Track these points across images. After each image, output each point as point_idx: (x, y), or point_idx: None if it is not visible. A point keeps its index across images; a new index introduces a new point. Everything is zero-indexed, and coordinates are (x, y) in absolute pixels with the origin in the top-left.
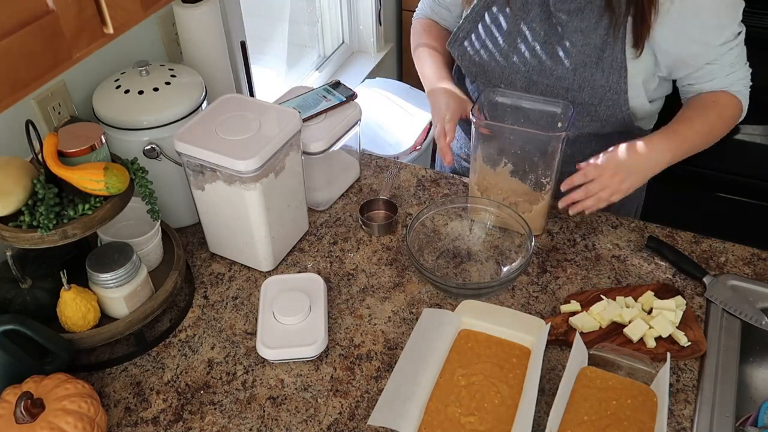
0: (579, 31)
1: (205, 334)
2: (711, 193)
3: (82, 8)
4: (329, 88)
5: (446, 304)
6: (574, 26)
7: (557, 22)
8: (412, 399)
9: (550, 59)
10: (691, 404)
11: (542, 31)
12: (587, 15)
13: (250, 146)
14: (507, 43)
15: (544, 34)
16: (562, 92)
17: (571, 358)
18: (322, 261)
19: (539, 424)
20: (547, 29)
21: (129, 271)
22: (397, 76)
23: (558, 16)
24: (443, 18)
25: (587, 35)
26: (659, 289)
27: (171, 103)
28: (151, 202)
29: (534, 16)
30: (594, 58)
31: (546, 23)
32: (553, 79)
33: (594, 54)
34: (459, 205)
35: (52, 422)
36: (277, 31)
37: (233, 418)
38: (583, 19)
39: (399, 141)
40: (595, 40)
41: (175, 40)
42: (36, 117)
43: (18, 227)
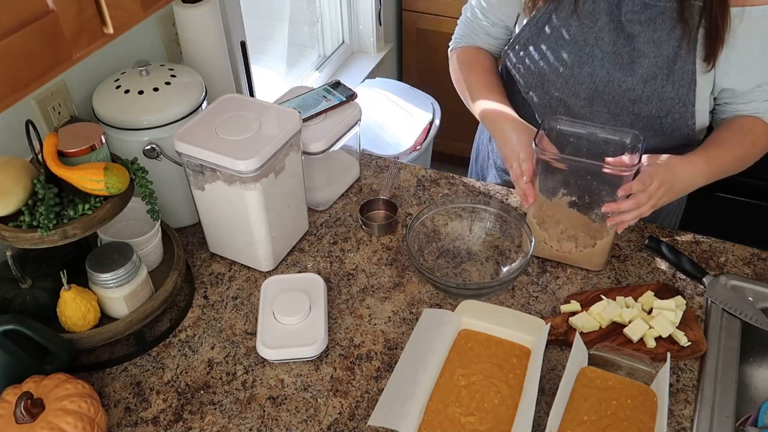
0: (651, 42)
1: (205, 334)
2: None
3: (82, 8)
4: (329, 88)
5: (446, 304)
6: (647, 37)
7: (628, 32)
8: (412, 399)
9: (620, 70)
10: (691, 404)
11: (611, 42)
12: (659, 26)
13: (250, 146)
14: (572, 52)
15: (613, 45)
16: (628, 104)
17: (571, 358)
18: (322, 261)
19: (539, 424)
20: (616, 39)
21: (129, 271)
22: (397, 76)
23: (629, 27)
24: (488, 41)
25: (659, 46)
26: (659, 289)
27: (171, 103)
28: (151, 202)
29: (602, 26)
30: (665, 70)
31: (615, 33)
32: (621, 90)
33: (666, 66)
34: (459, 205)
35: (52, 422)
36: (277, 31)
37: (233, 418)
38: (655, 29)
39: (399, 141)
40: (668, 51)
41: (175, 40)
42: (36, 117)
43: (18, 227)
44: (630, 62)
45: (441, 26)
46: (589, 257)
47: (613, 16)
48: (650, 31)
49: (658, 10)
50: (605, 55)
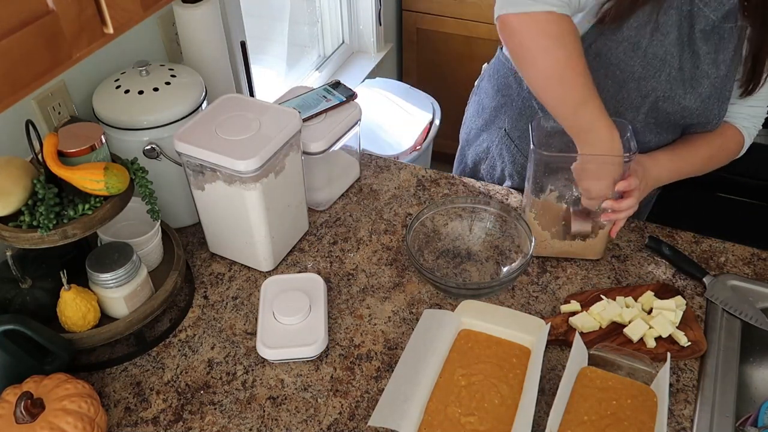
0: (713, 63)
1: (205, 334)
2: (711, 193)
3: (82, 8)
4: (329, 88)
5: (446, 304)
6: (710, 58)
7: (695, 49)
8: (412, 399)
9: (681, 87)
10: (691, 404)
11: (678, 57)
12: (721, 47)
13: (250, 146)
14: (642, 65)
15: (679, 60)
16: (679, 118)
17: (571, 358)
18: (322, 261)
19: (539, 424)
20: (682, 55)
21: (129, 271)
22: (397, 76)
23: (698, 45)
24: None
25: (718, 67)
26: (659, 289)
27: (171, 103)
28: (151, 202)
29: (672, 40)
30: (719, 90)
31: (681, 48)
32: (679, 107)
33: (720, 86)
34: (459, 205)
35: (52, 422)
36: (277, 31)
37: (233, 418)
38: (717, 50)
39: (399, 141)
40: (724, 72)
41: (175, 40)
42: (36, 117)
43: (18, 227)
44: (691, 79)
45: (441, 26)
46: (590, 247)
47: (683, 30)
48: (713, 51)
49: (725, 30)
50: (672, 70)
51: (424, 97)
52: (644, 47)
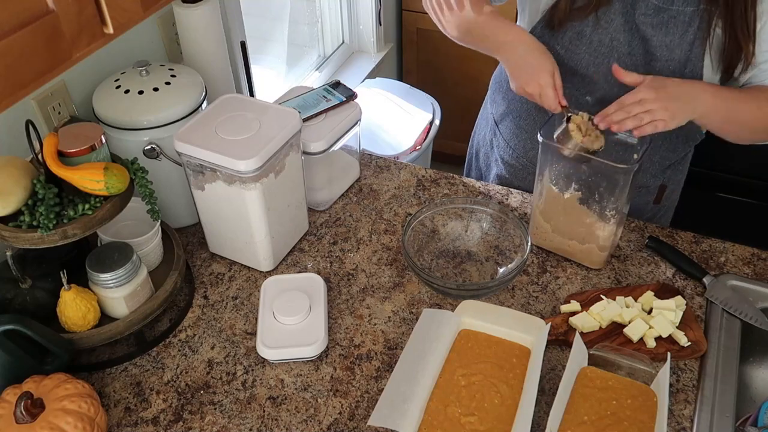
0: (664, 46)
1: (205, 334)
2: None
3: (82, 8)
4: (329, 88)
5: (446, 303)
6: (659, 40)
7: (642, 34)
8: (412, 399)
9: (635, 70)
10: (691, 404)
11: (626, 42)
12: (671, 29)
13: (250, 146)
14: (588, 52)
15: (628, 45)
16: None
17: (571, 358)
18: (322, 261)
19: (539, 424)
20: (631, 40)
21: (129, 271)
22: (397, 76)
23: (643, 29)
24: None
25: (672, 50)
26: (659, 289)
27: (171, 103)
28: (151, 202)
29: (618, 26)
30: (677, 74)
31: (629, 34)
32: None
33: (677, 69)
34: (459, 205)
35: (52, 422)
36: (277, 31)
37: (233, 418)
38: (667, 33)
39: (399, 141)
40: (679, 54)
41: (175, 40)
42: (36, 117)
43: (18, 227)
44: (644, 64)
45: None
46: (588, 254)
47: (628, 17)
48: (662, 34)
49: (671, 14)
50: (620, 56)
51: (424, 97)
52: (588, 35)
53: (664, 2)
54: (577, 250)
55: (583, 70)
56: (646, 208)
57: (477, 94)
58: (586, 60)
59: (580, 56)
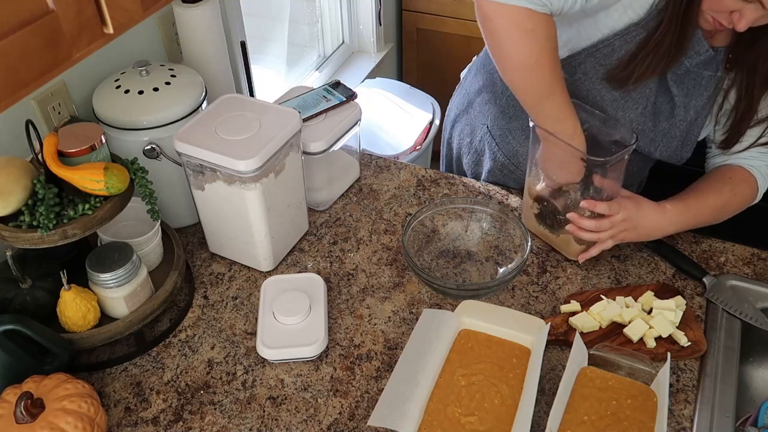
0: (682, 106)
1: (205, 334)
2: None
3: (82, 8)
4: (329, 88)
5: (446, 303)
6: (680, 100)
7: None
8: (412, 399)
9: (652, 122)
10: (691, 404)
11: (654, 93)
12: (693, 92)
13: (250, 146)
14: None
15: (655, 96)
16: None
17: (571, 358)
18: (322, 261)
19: (539, 424)
20: (658, 92)
21: (129, 271)
22: (397, 76)
23: (671, 86)
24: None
25: (687, 111)
26: (659, 289)
27: (171, 103)
28: (151, 202)
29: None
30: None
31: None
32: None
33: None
34: (459, 205)
35: (52, 422)
36: (277, 31)
37: (233, 418)
38: (687, 95)
39: (399, 141)
40: (692, 116)
41: (175, 40)
42: (36, 117)
43: (18, 227)
44: (660, 116)
45: (441, 26)
46: (566, 244)
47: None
48: (683, 96)
49: (698, 79)
50: (648, 104)
51: (424, 97)
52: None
53: (697, 66)
54: (558, 238)
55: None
56: None
57: None
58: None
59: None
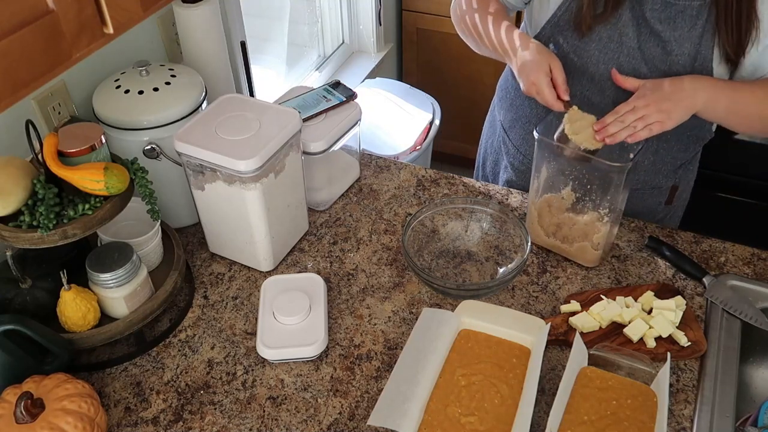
0: (673, 40)
1: (205, 334)
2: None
3: (82, 8)
4: (329, 88)
5: (446, 303)
6: (668, 35)
7: (652, 27)
8: (412, 399)
9: (645, 66)
10: (691, 404)
11: (635, 37)
12: (680, 24)
13: (250, 146)
14: (598, 49)
15: (637, 40)
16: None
17: (571, 358)
18: (322, 261)
19: (539, 424)
20: (640, 35)
21: (129, 271)
22: (397, 76)
23: (652, 24)
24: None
25: (681, 44)
26: (659, 289)
27: (171, 103)
28: (151, 202)
29: (626, 21)
30: (688, 68)
31: (638, 29)
32: None
33: (688, 63)
34: (459, 205)
35: (52, 422)
36: (277, 31)
37: (233, 418)
38: (675, 27)
39: (399, 141)
40: (689, 48)
41: (175, 40)
42: (36, 117)
43: (18, 227)
44: (653, 58)
45: (441, 26)
46: (583, 251)
47: (635, 12)
48: (671, 29)
49: (678, 8)
50: (630, 50)
51: (424, 97)
52: (598, 31)
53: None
54: (573, 248)
55: (593, 68)
56: (658, 209)
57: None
58: (596, 57)
59: (590, 53)
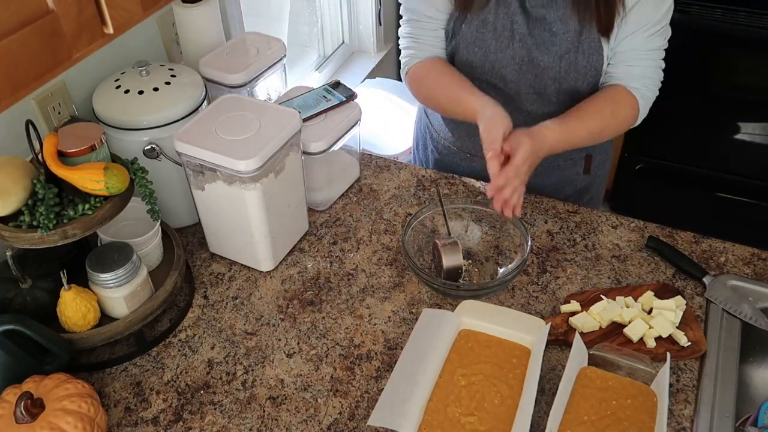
0: (558, 20)
1: (205, 334)
2: (711, 193)
3: (82, 8)
4: (329, 88)
5: (446, 304)
6: (552, 16)
7: (536, 15)
8: (412, 399)
9: (537, 50)
10: (691, 404)
11: (525, 23)
12: (560, 3)
13: (250, 146)
14: (493, 38)
15: (527, 26)
16: (550, 82)
17: (571, 358)
18: (322, 261)
19: (539, 424)
20: (528, 21)
21: (129, 271)
22: (397, 76)
23: (534, 12)
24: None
25: (566, 22)
26: (659, 289)
27: (171, 103)
28: (151, 202)
29: (515, 9)
30: (575, 43)
31: (526, 16)
32: (541, 69)
33: (575, 39)
34: (459, 205)
35: (52, 422)
36: (277, 31)
37: (233, 418)
38: (557, 8)
39: (399, 141)
40: (573, 25)
41: (175, 40)
42: (36, 117)
43: (18, 227)
44: (544, 42)
45: None
46: None
47: (521, 1)
48: (553, 10)
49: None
50: (522, 36)
51: None
52: (492, 21)
53: None
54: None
55: (492, 57)
56: (578, 179)
57: None
58: (494, 46)
59: (487, 43)
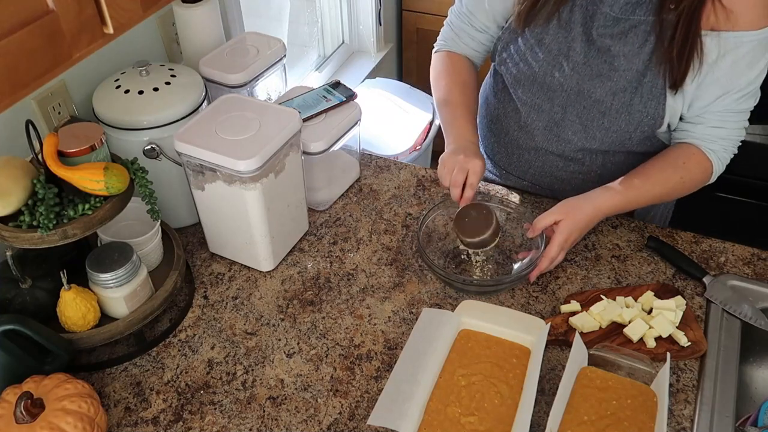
0: (622, 56)
1: (205, 334)
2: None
3: (82, 8)
4: (329, 88)
5: (446, 304)
6: (618, 50)
7: (599, 45)
8: (412, 399)
9: (589, 81)
10: (691, 404)
11: (583, 52)
12: (631, 39)
13: (250, 146)
14: (544, 59)
15: (584, 55)
16: (598, 116)
17: (571, 358)
18: (322, 261)
19: (539, 424)
20: (588, 50)
21: (129, 271)
22: (397, 76)
23: (600, 41)
24: (473, 46)
25: (630, 60)
26: (659, 289)
27: (171, 103)
28: (151, 202)
29: (575, 36)
30: (634, 84)
31: (587, 44)
32: (591, 101)
33: (635, 79)
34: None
35: (52, 422)
36: (277, 31)
37: (233, 418)
38: (626, 43)
39: (399, 141)
40: (638, 65)
41: (175, 40)
42: (36, 117)
43: (18, 227)
44: (599, 74)
45: (441, 26)
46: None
47: (586, 28)
48: (621, 44)
49: (631, 23)
50: (575, 65)
51: (424, 97)
52: (548, 43)
53: (623, 12)
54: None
55: (540, 79)
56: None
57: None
58: (543, 68)
59: (539, 62)
